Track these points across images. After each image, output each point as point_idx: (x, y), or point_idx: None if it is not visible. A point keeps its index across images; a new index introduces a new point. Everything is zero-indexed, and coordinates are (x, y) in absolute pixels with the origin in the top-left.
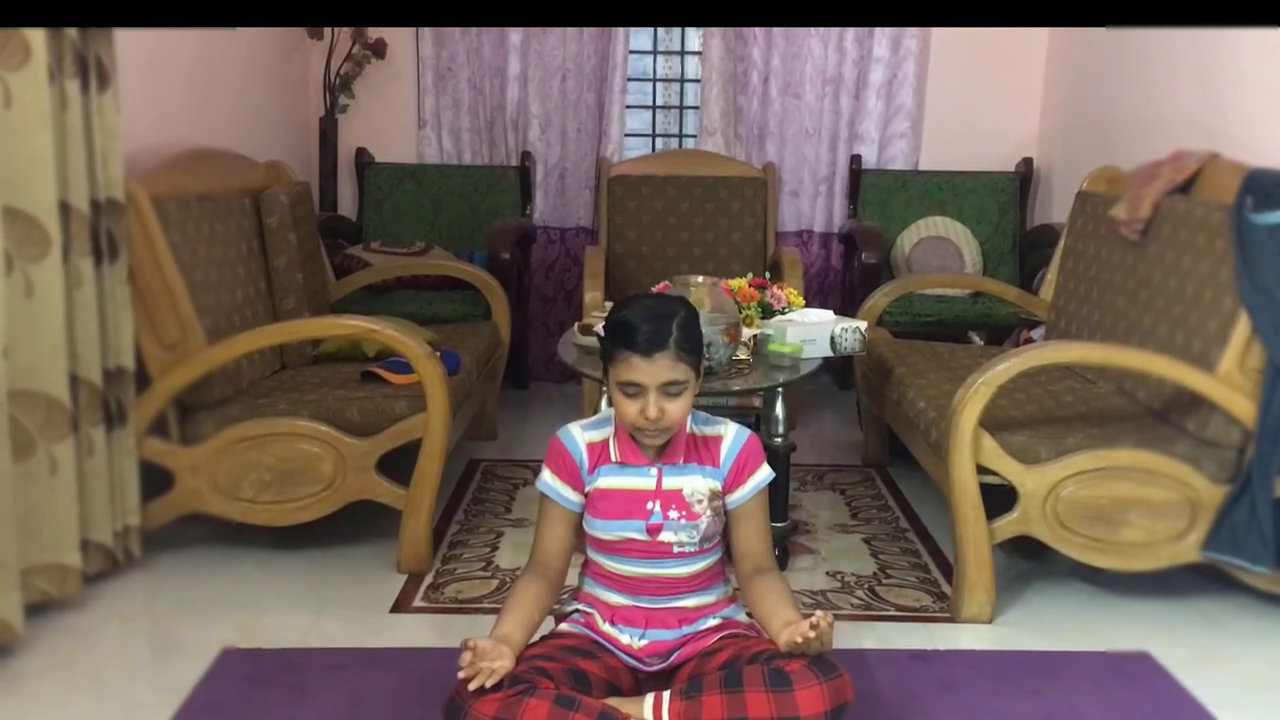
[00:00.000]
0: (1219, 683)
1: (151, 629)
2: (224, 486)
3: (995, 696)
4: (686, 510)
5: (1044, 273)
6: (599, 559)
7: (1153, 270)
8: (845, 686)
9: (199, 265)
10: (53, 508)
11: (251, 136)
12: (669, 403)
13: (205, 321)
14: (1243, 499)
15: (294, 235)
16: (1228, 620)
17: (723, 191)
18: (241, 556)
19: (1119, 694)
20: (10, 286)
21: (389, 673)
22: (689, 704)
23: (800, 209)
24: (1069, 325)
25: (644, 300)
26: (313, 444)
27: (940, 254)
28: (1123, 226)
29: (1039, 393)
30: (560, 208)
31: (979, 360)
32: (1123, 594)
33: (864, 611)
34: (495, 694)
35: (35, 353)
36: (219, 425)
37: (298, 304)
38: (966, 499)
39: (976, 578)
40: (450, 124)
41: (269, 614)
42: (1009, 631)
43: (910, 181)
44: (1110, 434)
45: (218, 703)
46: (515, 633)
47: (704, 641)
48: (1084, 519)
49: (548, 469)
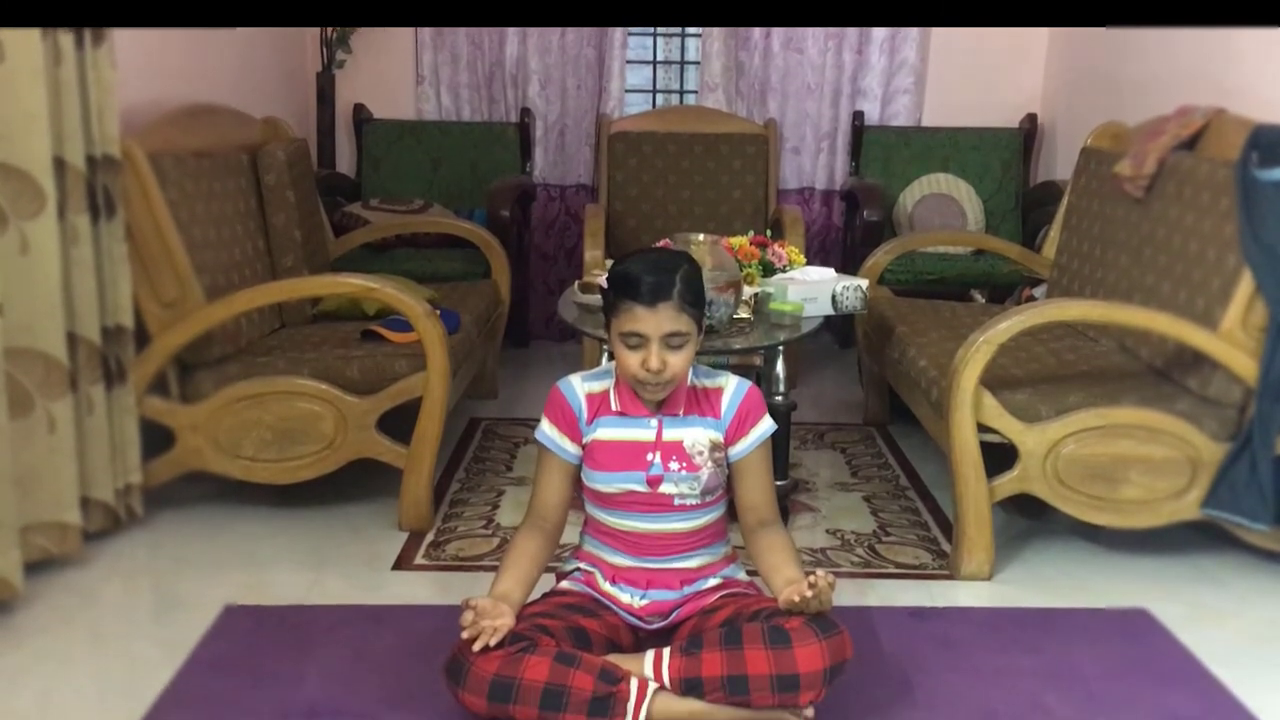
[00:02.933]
0: (1216, 639)
1: (154, 586)
2: (225, 445)
3: (994, 653)
4: (687, 462)
5: (1047, 230)
6: (599, 515)
7: (1156, 227)
8: (844, 644)
9: (197, 223)
10: (51, 466)
11: (248, 92)
12: (671, 355)
13: (204, 279)
14: (1243, 457)
15: (292, 193)
16: (1226, 577)
17: (724, 148)
18: (243, 514)
19: (1116, 650)
20: (5, 244)
21: (390, 629)
22: (689, 661)
23: (802, 166)
24: (1071, 283)
25: (648, 253)
26: (313, 402)
27: (943, 211)
28: (1127, 183)
29: (1040, 351)
30: (560, 165)
31: (980, 318)
32: (1122, 551)
33: (864, 569)
34: (497, 652)
35: (32, 310)
36: (219, 383)
37: (296, 262)
38: (967, 457)
39: (976, 535)
40: (449, 80)
41: (271, 571)
42: (1008, 589)
43: (913, 138)
44: (1111, 392)
45: (220, 659)
46: (515, 590)
47: (704, 600)
48: (1084, 477)
49: (546, 419)
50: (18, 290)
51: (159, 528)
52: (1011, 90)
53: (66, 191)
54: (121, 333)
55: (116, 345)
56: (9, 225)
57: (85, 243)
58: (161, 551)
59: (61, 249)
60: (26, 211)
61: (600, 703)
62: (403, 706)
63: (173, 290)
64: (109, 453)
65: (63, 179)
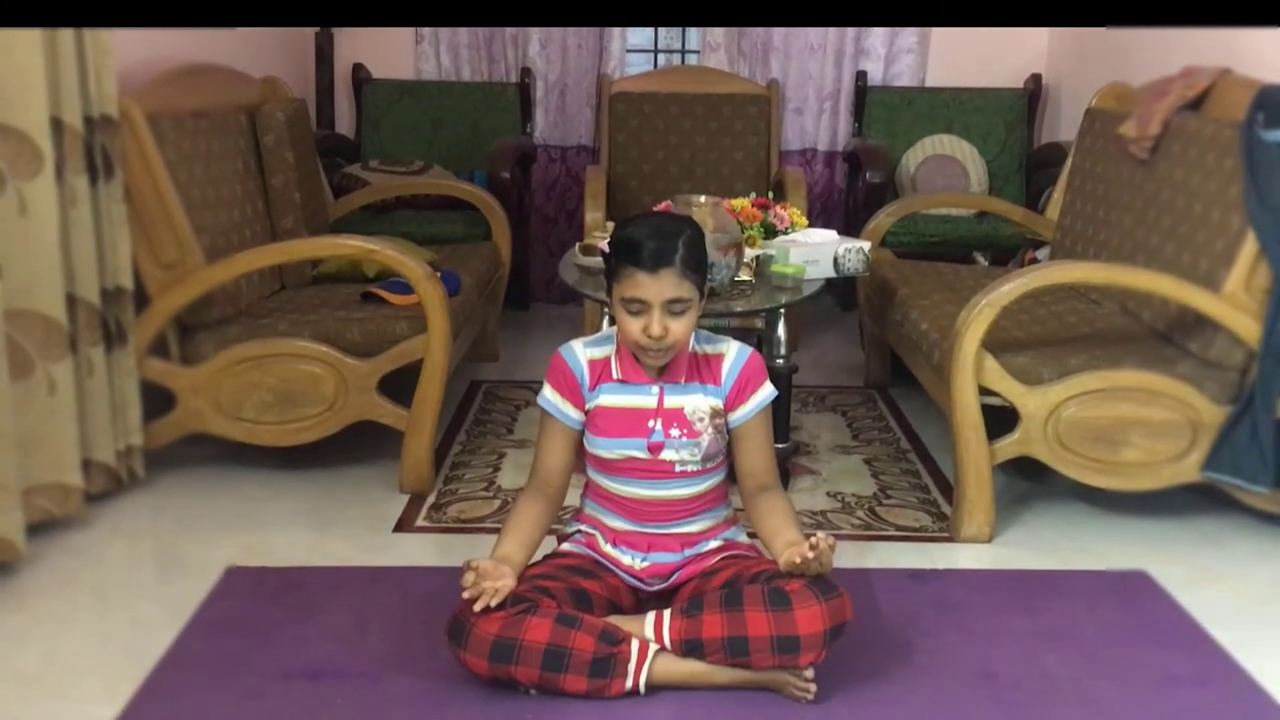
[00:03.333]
0: (1216, 601)
1: (156, 547)
2: (226, 407)
3: (993, 615)
4: (688, 428)
5: (1050, 192)
6: (600, 480)
7: (1161, 189)
8: (844, 606)
9: (196, 184)
10: (52, 428)
11: (246, 52)
12: (673, 321)
13: (203, 241)
14: (1244, 419)
15: (291, 153)
16: (1226, 539)
17: (726, 109)
18: (245, 477)
19: (1116, 612)
20: (4, 205)
21: (392, 591)
22: (689, 622)
23: (804, 127)
24: (1074, 245)
25: (650, 218)
26: (313, 365)
27: (946, 173)
28: (1132, 144)
29: (1043, 313)
30: (561, 126)
31: (983, 281)
32: (1122, 514)
33: (864, 532)
34: (498, 613)
35: (31, 272)
36: (219, 345)
37: (296, 224)
38: (968, 420)
39: (976, 498)
40: (448, 39)
41: (273, 533)
42: (1008, 551)
43: (916, 98)
44: (1113, 355)
45: (223, 620)
46: (516, 553)
47: (705, 562)
48: (1085, 440)
49: (549, 385)
50: (17, 252)
51: (160, 489)
52: (1016, 51)
53: (64, 152)
54: (121, 294)
55: (116, 307)
56: (7, 186)
57: (84, 204)
58: (163, 513)
59: (60, 210)
60: (25, 172)
61: (601, 664)
62: (404, 667)
63: (172, 252)
64: (109, 414)
65: (60, 139)
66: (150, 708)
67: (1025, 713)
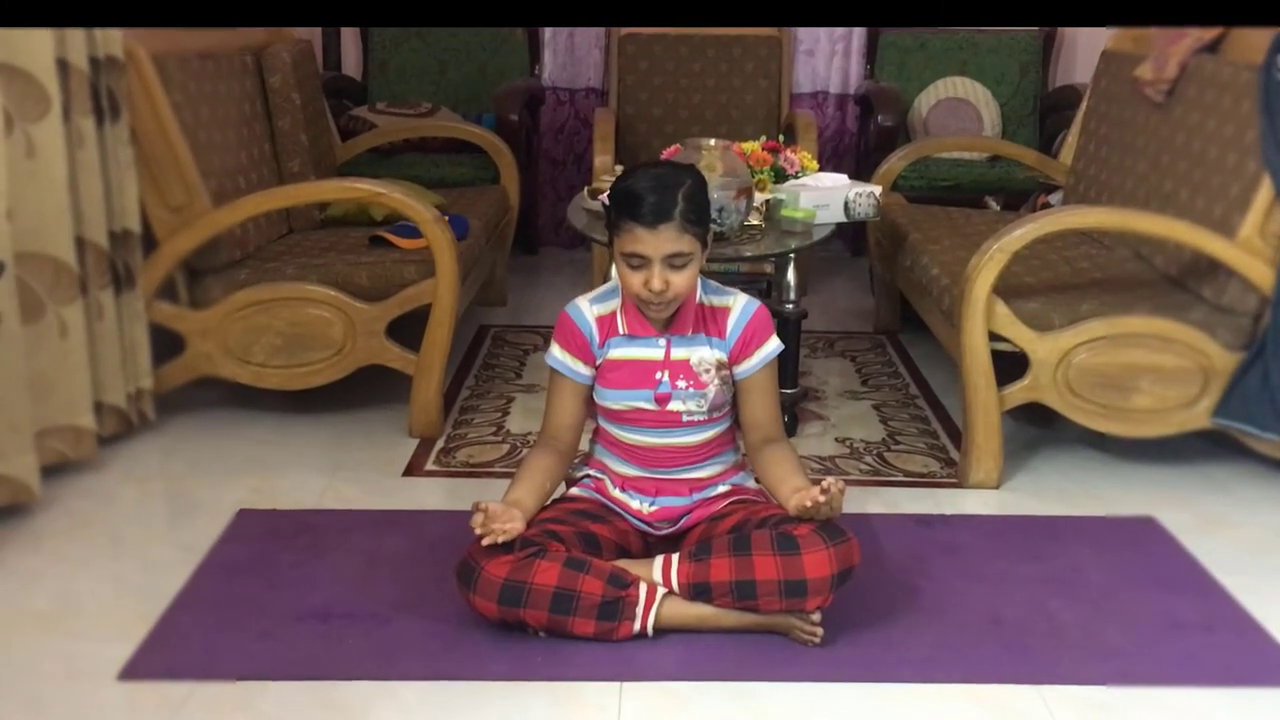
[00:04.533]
0: (1223, 547)
1: (168, 490)
2: (235, 350)
3: (999, 560)
4: (694, 380)
5: (1064, 136)
6: (609, 428)
7: (1176, 132)
8: (852, 551)
9: (202, 126)
10: (64, 370)
11: None
12: (674, 275)
13: (210, 184)
14: (1256, 366)
15: (297, 95)
16: (1235, 486)
17: (736, 51)
18: (255, 420)
19: (1122, 558)
20: (11, 147)
21: (401, 534)
22: (697, 566)
23: (816, 69)
24: (1089, 190)
25: (650, 169)
26: (322, 309)
27: (959, 116)
28: (1147, 87)
29: (1055, 259)
30: (569, 68)
31: (995, 226)
32: (1130, 460)
33: (872, 477)
34: (507, 556)
35: (40, 214)
36: (228, 289)
37: (303, 166)
38: (977, 366)
39: (985, 444)
40: None
41: (283, 476)
42: (1015, 497)
43: (929, 41)
44: (1125, 301)
45: (234, 562)
46: (526, 499)
47: (713, 506)
48: (1095, 386)
49: (557, 344)
50: (26, 194)
51: (172, 432)
52: None
53: (71, 93)
54: (129, 237)
55: (124, 250)
56: (15, 128)
57: (91, 146)
58: (175, 456)
59: (67, 152)
60: (32, 114)
61: (609, 607)
62: (414, 610)
63: (179, 195)
64: (120, 357)
65: (66, 80)
66: (162, 648)
67: (1032, 657)
